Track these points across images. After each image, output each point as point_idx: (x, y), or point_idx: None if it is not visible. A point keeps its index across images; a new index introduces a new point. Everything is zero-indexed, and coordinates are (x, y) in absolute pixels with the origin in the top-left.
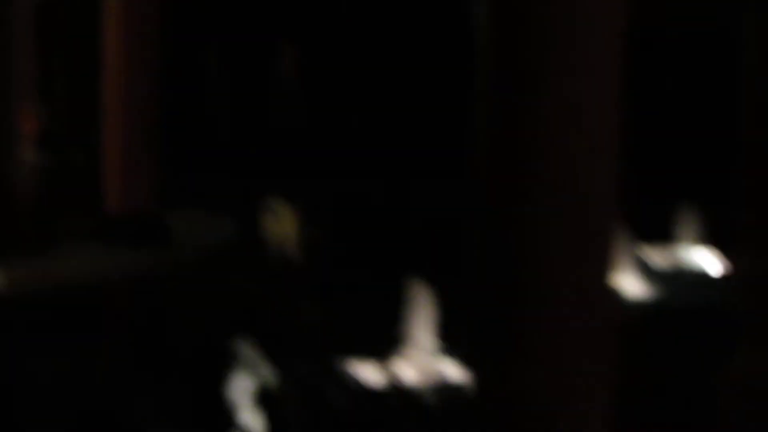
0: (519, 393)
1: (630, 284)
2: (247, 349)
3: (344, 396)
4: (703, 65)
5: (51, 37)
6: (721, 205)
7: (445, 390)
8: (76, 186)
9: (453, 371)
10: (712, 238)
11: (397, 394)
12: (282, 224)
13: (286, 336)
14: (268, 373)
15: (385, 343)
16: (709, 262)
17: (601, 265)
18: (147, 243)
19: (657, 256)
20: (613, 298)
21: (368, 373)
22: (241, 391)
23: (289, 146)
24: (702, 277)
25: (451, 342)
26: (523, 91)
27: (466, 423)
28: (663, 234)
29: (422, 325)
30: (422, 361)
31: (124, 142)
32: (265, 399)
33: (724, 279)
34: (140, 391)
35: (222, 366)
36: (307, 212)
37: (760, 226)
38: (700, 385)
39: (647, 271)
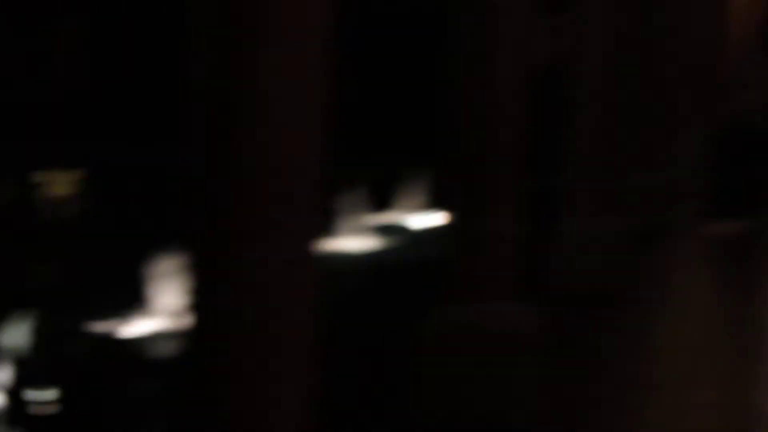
0: (230, 350)
1: (351, 243)
2: None
3: (80, 348)
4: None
5: None
6: (441, 172)
7: (174, 342)
8: None
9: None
10: (432, 201)
11: (132, 346)
12: (55, 188)
13: (33, 295)
14: (13, 329)
15: (127, 300)
16: (427, 222)
17: (308, 230)
18: None
19: (380, 219)
20: (318, 260)
21: (107, 327)
22: None
23: (65, 114)
24: (420, 236)
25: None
26: (230, 59)
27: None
28: (386, 199)
29: (163, 285)
30: (160, 318)
31: None
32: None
33: (440, 237)
34: None
35: None
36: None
37: (470, 190)
38: (402, 332)
39: (371, 232)
